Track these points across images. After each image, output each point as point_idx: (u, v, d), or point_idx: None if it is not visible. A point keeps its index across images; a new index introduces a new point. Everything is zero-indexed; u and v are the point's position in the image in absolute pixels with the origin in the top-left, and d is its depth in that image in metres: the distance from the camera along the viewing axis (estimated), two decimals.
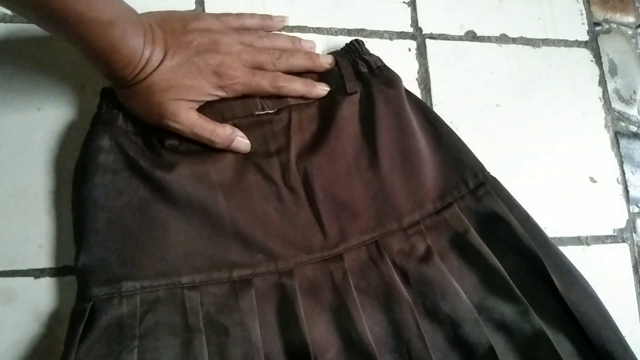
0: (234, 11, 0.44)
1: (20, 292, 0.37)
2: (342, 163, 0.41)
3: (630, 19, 0.57)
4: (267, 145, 0.41)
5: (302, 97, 0.42)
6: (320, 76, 0.44)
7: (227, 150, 0.39)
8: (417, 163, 0.41)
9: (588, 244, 0.48)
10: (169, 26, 0.38)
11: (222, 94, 0.39)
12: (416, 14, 0.50)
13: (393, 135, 0.41)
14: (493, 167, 0.42)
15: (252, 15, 0.44)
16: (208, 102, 0.39)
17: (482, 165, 0.42)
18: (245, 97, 0.41)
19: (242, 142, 0.40)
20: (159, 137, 0.39)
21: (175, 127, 0.38)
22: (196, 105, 0.39)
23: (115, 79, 0.36)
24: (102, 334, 0.33)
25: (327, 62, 0.43)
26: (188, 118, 0.38)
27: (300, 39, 0.44)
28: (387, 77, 0.43)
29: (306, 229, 0.39)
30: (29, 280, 0.38)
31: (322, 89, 0.43)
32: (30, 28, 0.41)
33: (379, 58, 0.44)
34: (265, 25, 0.44)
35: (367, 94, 0.42)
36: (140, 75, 0.35)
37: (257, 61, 0.41)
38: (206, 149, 0.39)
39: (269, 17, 0.45)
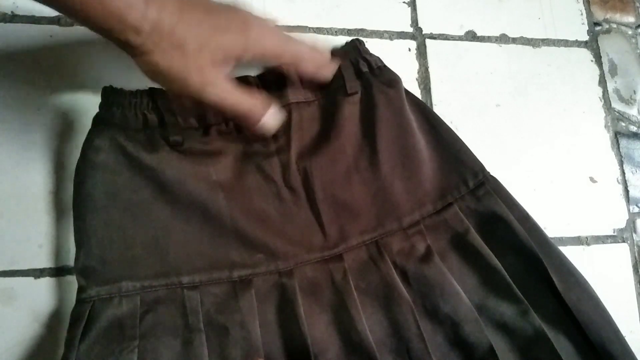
0: None
1: (20, 292, 0.37)
2: (342, 163, 0.41)
3: (630, 19, 0.57)
4: (267, 145, 0.41)
5: (304, 90, 0.42)
6: None
7: (227, 150, 0.39)
8: (417, 163, 0.41)
9: (588, 244, 0.48)
10: None
11: (248, 56, 0.35)
12: (416, 14, 0.50)
13: (393, 136, 0.41)
14: (493, 167, 0.42)
15: None
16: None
17: (482, 165, 0.42)
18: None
19: (274, 117, 0.37)
20: (162, 134, 0.38)
21: (213, 100, 0.33)
22: (229, 71, 0.35)
23: (129, 46, 0.31)
24: (102, 334, 0.33)
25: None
26: (227, 88, 0.34)
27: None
28: (388, 78, 0.43)
29: (306, 228, 0.39)
30: (29, 280, 0.38)
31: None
32: (30, 28, 0.41)
33: (379, 58, 0.44)
34: None
35: (368, 94, 0.42)
36: (159, 28, 0.30)
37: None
38: (206, 149, 0.39)
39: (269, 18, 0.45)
